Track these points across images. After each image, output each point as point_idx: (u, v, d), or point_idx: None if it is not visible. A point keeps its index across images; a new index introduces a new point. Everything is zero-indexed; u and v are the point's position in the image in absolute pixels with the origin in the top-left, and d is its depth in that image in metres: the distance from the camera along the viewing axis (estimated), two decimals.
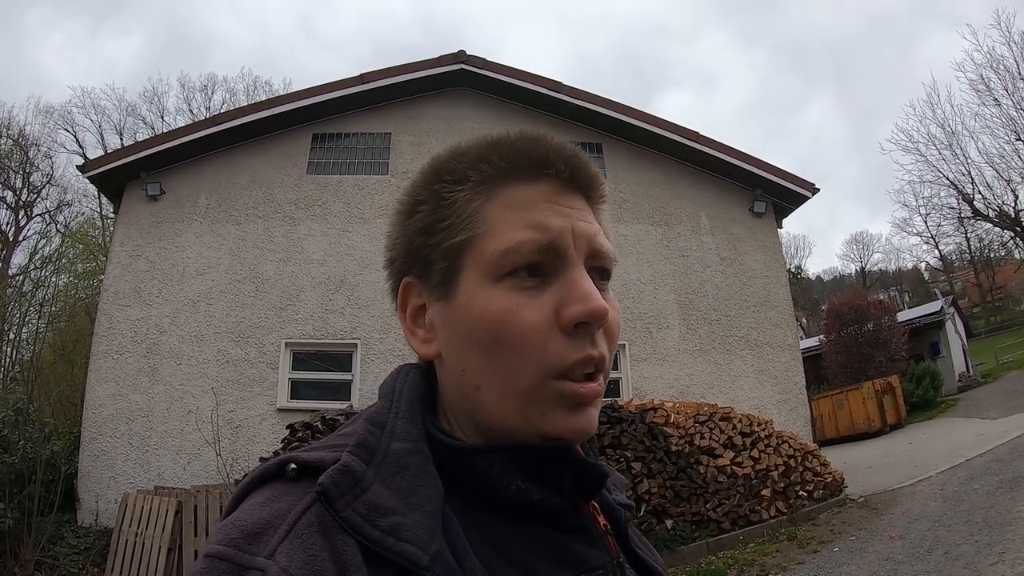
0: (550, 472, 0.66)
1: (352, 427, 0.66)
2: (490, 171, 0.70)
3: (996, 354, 29.10)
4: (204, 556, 0.54)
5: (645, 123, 12.17)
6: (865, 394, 19.03)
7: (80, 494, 9.82)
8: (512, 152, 0.70)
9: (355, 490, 0.58)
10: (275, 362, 10.56)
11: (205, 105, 32.79)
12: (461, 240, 0.68)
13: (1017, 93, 25.14)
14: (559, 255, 0.66)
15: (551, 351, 0.64)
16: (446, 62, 11.99)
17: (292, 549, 0.53)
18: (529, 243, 0.65)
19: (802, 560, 7.55)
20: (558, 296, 0.65)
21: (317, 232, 11.40)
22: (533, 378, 0.64)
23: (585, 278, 0.66)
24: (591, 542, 0.69)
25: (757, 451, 9.02)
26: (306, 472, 0.60)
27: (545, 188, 0.69)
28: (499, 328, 0.65)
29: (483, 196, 0.69)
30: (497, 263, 0.66)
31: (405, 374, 0.74)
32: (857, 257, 61.53)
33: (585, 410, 0.66)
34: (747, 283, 11.95)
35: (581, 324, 0.65)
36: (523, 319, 0.64)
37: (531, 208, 0.68)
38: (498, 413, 0.66)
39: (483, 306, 0.66)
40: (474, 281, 0.67)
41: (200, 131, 11.76)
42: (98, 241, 25.49)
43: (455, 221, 0.69)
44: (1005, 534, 6.73)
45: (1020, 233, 26.84)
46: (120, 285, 10.90)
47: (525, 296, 0.65)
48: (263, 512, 0.57)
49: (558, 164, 0.70)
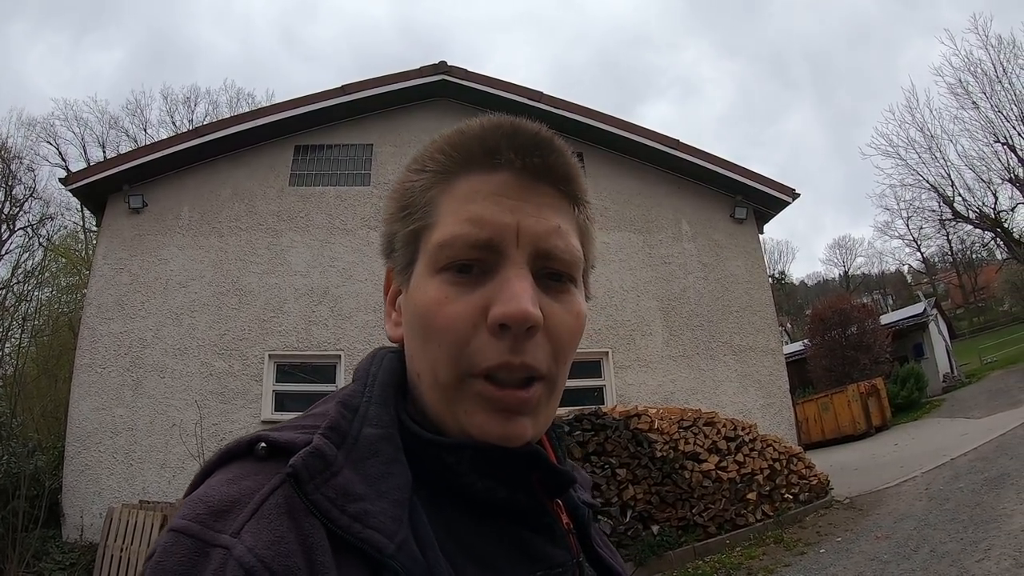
0: (518, 472, 0.66)
1: (323, 408, 0.66)
2: (444, 161, 0.69)
3: (980, 354, 29.30)
4: (168, 530, 0.54)
5: (625, 131, 12.22)
6: (850, 397, 19.13)
7: (65, 509, 9.70)
8: (467, 141, 0.69)
9: (325, 474, 0.57)
10: (259, 374, 10.50)
11: (188, 117, 32.69)
12: (413, 229, 0.69)
13: (995, 96, 25.31)
14: (497, 252, 0.65)
15: (472, 348, 0.63)
16: (427, 73, 12.01)
17: (259, 528, 0.53)
18: (464, 237, 0.65)
19: (789, 562, 7.57)
20: (488, 295, 0.64)
21: (300, 244, 11.36)
22: (452, 373, 0.64)
23: (519, 279, 0.64)
24: (554, 540, 0.69)
25: (742, 455, 9.03)
26: (276, 452, 0.59)
27: (501, 180, 0.67)
28: (427, 319, 0.65)
29: (439, 186, 0.69)
30: (435, 255, 0.66)
31: (380, 358, 0.73)
32: (840, 261, 62.02)
33: (512, 418, 0.65)
34: (729, 289, 12.00)
35: (505, 327, 0.63)
36: (447, 312, 0.64)
37: (476, 201, 0.66)
38: (430, 402, 0.67)
39: (419, 296, 0.67)
40: (420, 271, 0.68)
41: (183, 143, 11.69)
42: (81, 254, 25.28)
43: (412, 210, 0.70)
44: (990, 531, 6.78)
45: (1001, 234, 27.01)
46: (103, 298, 10.81)
47: (457, 290, 0.64)
48: (231, 489, 0.56)
49: (508, 154, 0.67)
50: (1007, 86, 25.14)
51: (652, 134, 12.40)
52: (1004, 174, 25.55)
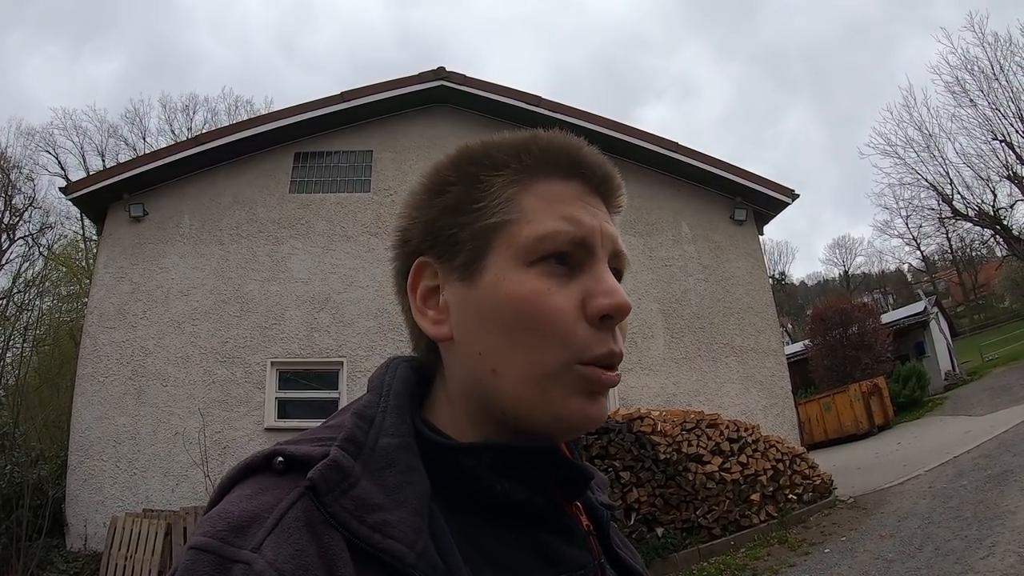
0: (536, 473, 0.67)
1: (339, 419, 0.67)
2: (530, 162, 0.71)
3: (981, 352, 29.27)
4: (189, 548, 0.54)
5: (624, 135, 12.21)
6: (852, 396, 19.12)
7: (68, 518, 9.70)
8: (553, 148, 0.72)
9: (343, 485, 0.57)
10: (261, 382, 10.50)
11: (187, 126, 32.77)
12: (495, 223, 0.69)
13: (992, 93, 25.34)
14: (588, 250, 0.68)
15: (579, 337, 0.65)
16: (426, 79, 12.01)
17: (279, 543, 0.53)
18: (565, 233, 0.67)
19: (793, 563, 7.57)
20: (585, 287, 0.67)
21: (301, 251, 11.37)
22: (559, 361, 0.65)
23: (610, 275, 0.69)
24: (574, 542, 0.70)
25: (745, 456, 9.03)
26: (293, 465, 0.59)
27: (576, 188, 0.71)
28: (529, 309, 0.66)
29: (519, 184, 0.70)
30: (531, 248, 0.67)
31: (395, 368, 0.74)
32: (840, 261, 61.99)
33: (600, 399, 0.68)
34: (730, 290, 12.00)
35: (606, 317, 0.66)
36: (553, 302, 0.65)
37: (565, 203, 0.70)
38: (515, 396, 0.66)
39: (513, 288, 0.66)
40: (504, 264, 0.68)
41: (182, 151, 11.71)
42: (81, 263, 25.29)
43: (490, 204, 0.70)
44: (995, 528, 6.78)
45: (1000, 231, 27.03)
46: (104, 307, 10.83)
47: (555, 282, 0.66)
48: (250, 505, 0.56)
49: (593, 167, 0.73)
50: (1004, 83, 25.20)
51: (651, 137, 12.41)
52: (1002, 171, 25.60)
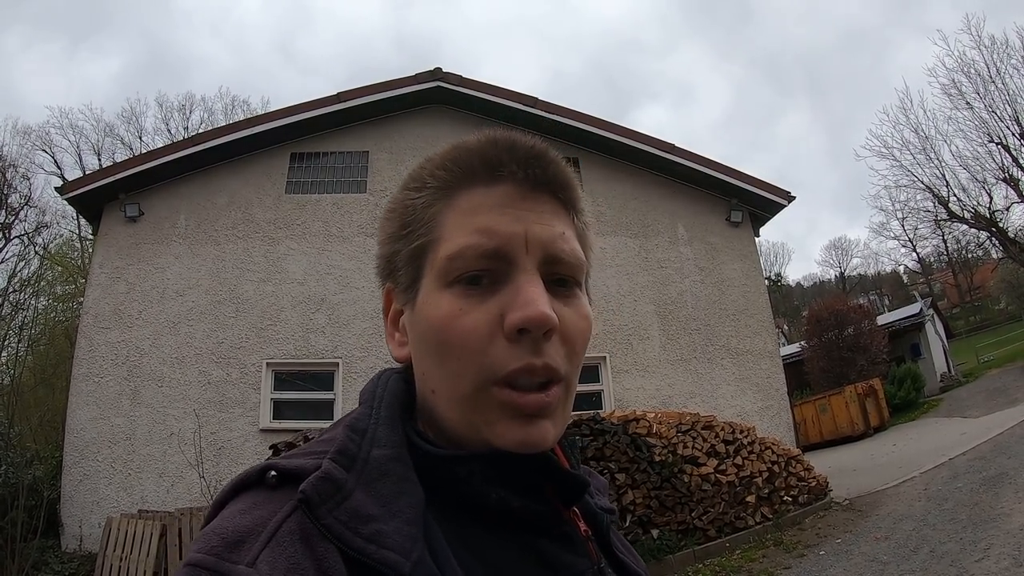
0: (530, 480, 0.66)
1: (332, 433, 0.66)
2: (445, 176, 0.70)
3: (977, 353, 29.36)
4: (185, 565, 0.54)
5: (621, 136, 12.24)
6: (848, 398, 19.14)
7: (63, 519, 9.70)
8: (466, 156, 0.70)
9: (336, 497, 0.57)
10: (257, 383, 10.51)
11: (183, 125, 32.68)
12: (417, 245, 0.69)
13: (988, 96, 25.32)
14: (507, 261, 0.66)
15: (491, 356, 0.64)
16: (422, 79, 12.02)
17: (274, 557, 0.53)
18: (474, 248, 0.65)
19: (788, 565, 7.55)
20: (503, 302, 0.64)
21: (296, 251, 11.38)
22: (472, 383, 0.64)
23: (532, 284, 0.65)
24: (572, 548, 0.69)
25: (740, 458, 9.02)
26: (286, 479, 0.59)
27: (502, 191, 0.68)
28: (441, 333, 0.65)
29: (441, 202, 0.69)
30: (445, 269, 0.66)
31: (386, 379, 0.73)
32: (836, 263, 62.07)
33: (534, 422, 0.65)
34: (726, 292, 12.03)
35: (524, 331, 0.63)
36: (463, 324, 0.64)
37: (482, 213, 0.67)
38: (448, 417, 0.66)
39: (431, 311, 0.66)
40: (428, 287, 0.67)
41: (178, 151, 11.72)
42: (77, 263, 25.22)
43: (415, 227, 0.70)
44: (989, 530, 6.79)
45: (996, 233, 27.04)
46: (100, 307, 10.82)
47: (470, 302, 0.65)
48: (244, 520, 0.56)
49: (511, 166, 0.68)
50: (1000, 86, 25.19)
51: (647, 138, 12.43)
52: (998, 173, 25.59)
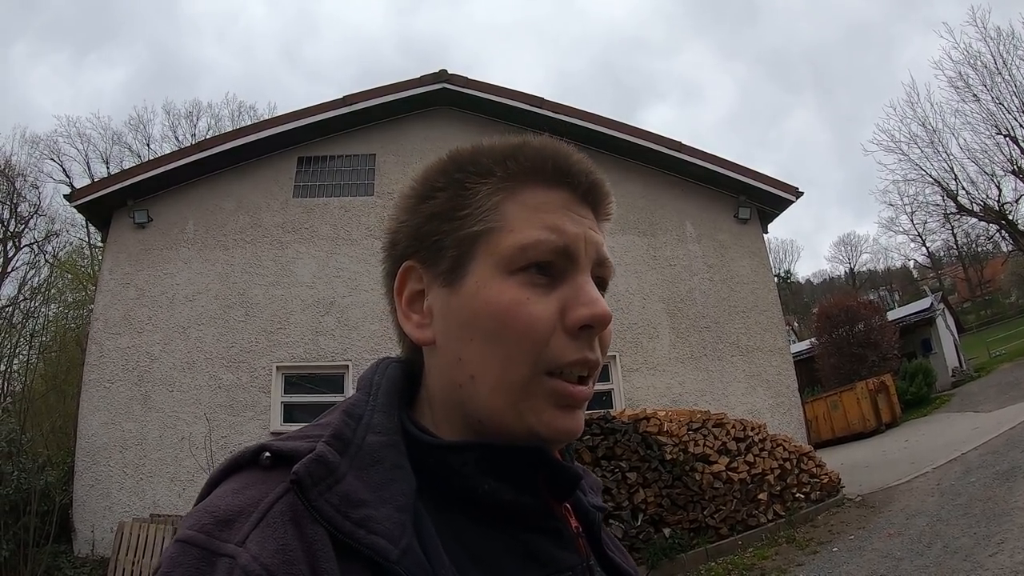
0: (523, 473, 0.67)
1: (328, 418, 0.67)
2: (516, 169, 0.71)
3: (988, 348, 29.24)
4: (175, 541, 0.55)
5: (627, 135, 12.22)
6: (859, 394, 19.07)
7: (76, 524, 9.74)
8: (539, 156, 0.72)
9: (328, 480, 0.58)
10: (267, 386, 10.54)
11: (190, 132, 32.74)
12: (478, 231, 0.69)
13: (995, 88, 25.29)
14: (571, 259, 0.69)
15: (552, 347, 0.66)
16: (428, 82, 12.03)
17: (263, 537, 0.53)
18: (547, 243, 0.68)
19: (801, 562, 7.54)
20: (565, 297, 0.67)
21: (305, 255, 11.40)
22: (528, 370, 0.66)
23: (591, 284, 0.69)
24: (562, 543, 0.70)
25: (752, 456, 9.00)
26: (280, 460, 0.60)
27: (563, 196, 0.72)
28: (506, 318, 0.66)
29: (504, 192, 0.71)
30: (512, 257, 0.67)
31: (384, 367, 0.74)
32: (845, 259, 61.98)
33: (574, 412, 0.68)
34: (735, 289, 11.99)
35: (585, 327, 0.67)
36: (531, 312, 0.66)
37: (550, 211, 0.70)
38: (490, 405, 0.67)
39: (492, 295, 0.67)
40: (485, 271, 0.68)
41: (186, 157, 11.75)
42: (87, 270, 25.32)
43: (474, 211, 0.70)
44: (1003, 525, 6.75)
45: (1006, 226, 26.93)
46: (110, 313, 10.87)
47: (536, 292, 0.67)
48: (236, 499, 0.57)
49: (580, 176, 0.73)
50: (1007, 78, 25.14)
51: (654, 137, 12.41)
52: (1007, 166, 25.54)
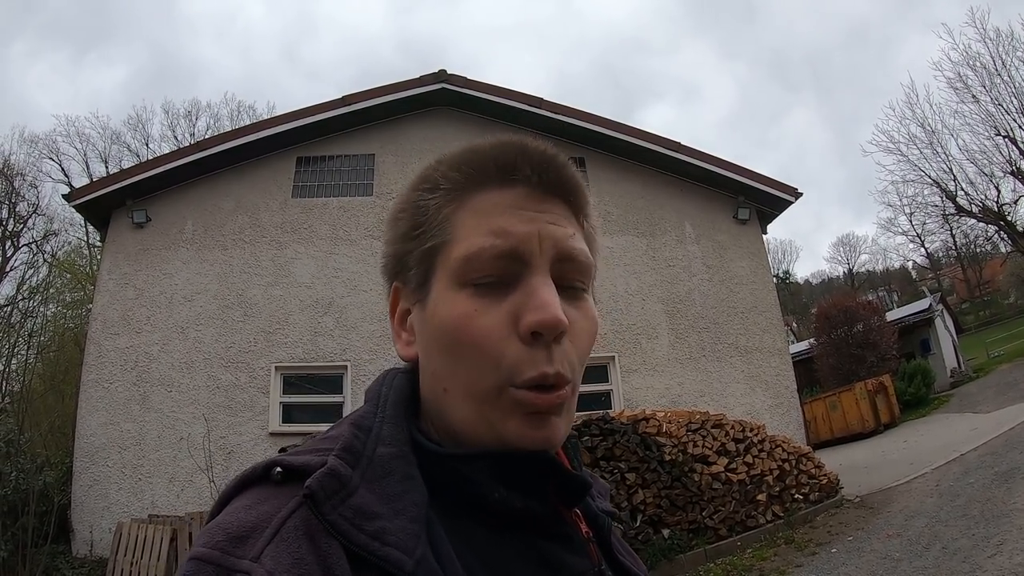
0: (533, 480, 0.66)
1: (337, 431, 0.66)
2: (459, 178, 0.70)
3: (987, 348, 29.25)
4: (189, 559, 0.54)
5: (626, 135, 12.23)
6: (858, 395, 19.08)
7: (74, 524, 9.72)
8: (480, 159, 0.71)
9: (341, 494, 0.58)
10: (266, 386, 10.52)
11: (189, 131, 32.66)
12: (431, 246, 0.69)
13: (994, 89, 25.32)
14: (521, 261, 0.67)
15: (508, 358, 0.64)
16: (427, 82, 12.03)
17: (278, 552, 0.53)
18: (490, 249, 0.66)
19: (800, 563, 7.52)
20: (516, 303, 0.65)
21: (304, 255, 11.39)
22: (490, 383, 0.65)
23: (545, 286, 0.66)
24: (573, 549, 0.70)
25: (751, 456, 8.99)
26: (292, 475, 0.60)
27: (515, 194, 0.69)
28: (457, 333, 0.65)
29: (454, 203, 0.70)
30: (460, 269, 0.66)
31: (391, 378, 0.74)
32: (844, 259, 62.03)
33: (545, 419, 0.66)
34: (734, 290, 11.99)
35: (536, 334, 0.64)
36: (479, 325, 0.65)
37: (497, 214, 0.68)
38: (462, 416, 0.67)
39: (445, 311, 0.67)
40: (441, 286, 0.68)
41: (185, 157, 11.76)
42: (85, 270, 25.31)
43: (427, 228, 0.70)
44: (1002, 526, 6.74)
45: (1004, 227, 26.96)
46: (109, 313, 10.86)
47: (485, 303, 0.66)
48: (249, 515, 0.57)
49: (525, 169, 0.69)
50: (1006, 79, 25.18)
51: (653, 137, 12.41)
52: (1006, 167, 25.57)
